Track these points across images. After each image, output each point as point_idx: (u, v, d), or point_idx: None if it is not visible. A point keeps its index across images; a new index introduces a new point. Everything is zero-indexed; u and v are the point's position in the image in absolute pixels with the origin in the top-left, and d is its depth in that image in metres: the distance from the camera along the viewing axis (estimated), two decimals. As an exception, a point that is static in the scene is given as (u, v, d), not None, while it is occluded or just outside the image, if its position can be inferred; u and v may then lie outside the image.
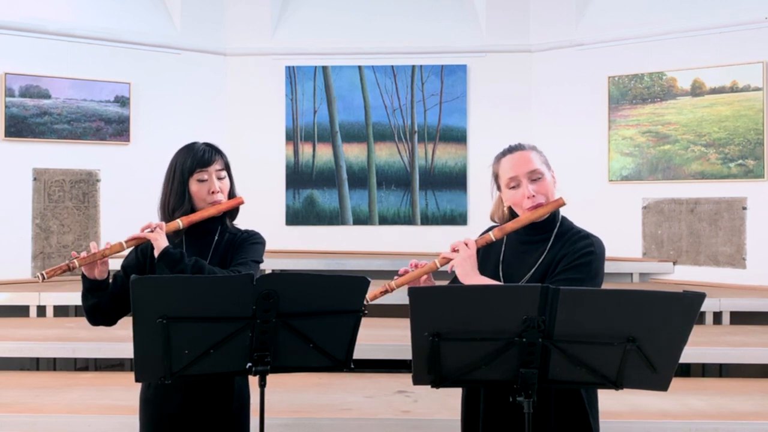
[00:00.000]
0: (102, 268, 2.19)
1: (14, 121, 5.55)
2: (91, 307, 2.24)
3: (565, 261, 2.03)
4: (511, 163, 2.11)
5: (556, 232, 2.10)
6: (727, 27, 5.47)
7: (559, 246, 2.07)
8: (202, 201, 2.28)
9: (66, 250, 5.72)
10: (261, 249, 2.32)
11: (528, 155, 2.11)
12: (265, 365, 1.92)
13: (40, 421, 3.31)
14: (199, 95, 6.37)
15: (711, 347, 4.11)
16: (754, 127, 5.36)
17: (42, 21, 5.66)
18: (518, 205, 2.11)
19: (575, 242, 2.05)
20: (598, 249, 2.04)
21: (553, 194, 2.11)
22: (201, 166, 2.27)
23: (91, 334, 4.48)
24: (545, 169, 2.12)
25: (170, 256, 2.14)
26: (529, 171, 2.08)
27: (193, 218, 2.25)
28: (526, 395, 1.78)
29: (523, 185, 2.08)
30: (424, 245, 6.32)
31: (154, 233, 2.19)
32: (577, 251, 2.03)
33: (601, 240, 2.09)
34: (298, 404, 3.48)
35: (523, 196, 2.08)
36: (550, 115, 6.29)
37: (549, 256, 2.07)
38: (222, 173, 2.31)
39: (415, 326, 1.76)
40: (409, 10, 6.55)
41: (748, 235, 5.38)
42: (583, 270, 2.00)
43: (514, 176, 2.10)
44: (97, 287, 2.21)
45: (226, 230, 2.32)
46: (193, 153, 2.30)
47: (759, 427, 3.22)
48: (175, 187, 2.29)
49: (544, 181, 2.09)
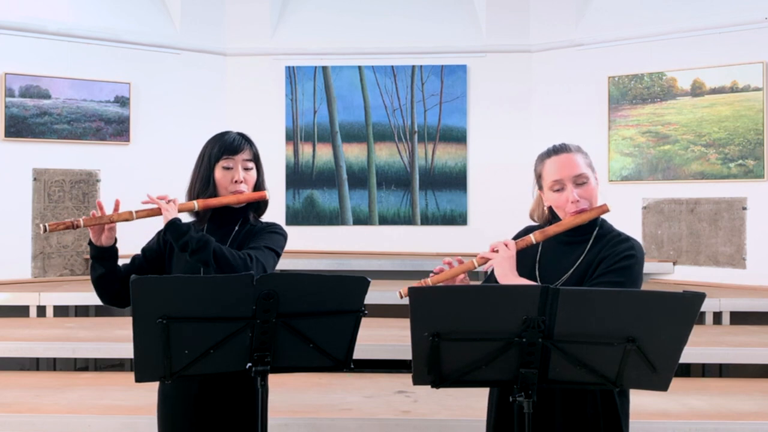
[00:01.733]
0: (109, 234, 2.16)
1: (14, 121, 5.55)
2: (98, 279, 2.21)
3: (605, 264, 2.01)
4: (556, 166, 2.08)
5: (595, 234, 2.08)
6: (727, 27, 5.47)
7: (599, 248, 2.05)
8: (225, 189, 2.24)
9: (66, 251, 5.72)
10: (278, 238, 2.26)
11: (574, 158, 2.08)
12: (265, 365, 1.91)
13: (40, 421, 3.31)
14: (199, 95, 6.37)
15: (711, 347, 4.11)
16: (754, 127, 5.36)
17: (42, 21, 5.66)
18: (561, 208, 2.09)
19: (616, 245, 2.04)
20: (639, 253, 2.03)
21: (597, 198, 2.09)
22: (228, 153, 2.23)
23: (91, 334, 4.50)
24: (590, 172, 2.09)
25: (176, 227, 2.11)
26: (575, 175, 2.06)
27: (210, 202, 2.21)
28: (526, 395, 1.79)
29: (567, 189, 2.06)
30: (424, 245, 6.32)
31: (167, 204, 2.16)
32: (618, 254, 2.01)
33: (640, 244, 2.08)
34: (298, 404, 3.48)
35: (567, 200, 2.06)
36: (549, 115, 6.29)
37: (588, 257, 2.05)
38: (249, 164, 2.27)
39: (415, 326, 1.76)
40: (409, 10, 6.55)
41: (748, 235, 5.38)
42: (624, 273, 1.98)
43: (558, 179, 2.07)
44: (104, 255, 2.18)
45: (248, 221, 2.28)
46: (223, 140, 2.26)
47: (759, 427, 3.22)
48: (201, 173, 2.26)
49: (589, 185, 2.08)
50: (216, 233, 2.25)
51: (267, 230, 2.27)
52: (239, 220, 2.28)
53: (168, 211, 2.14)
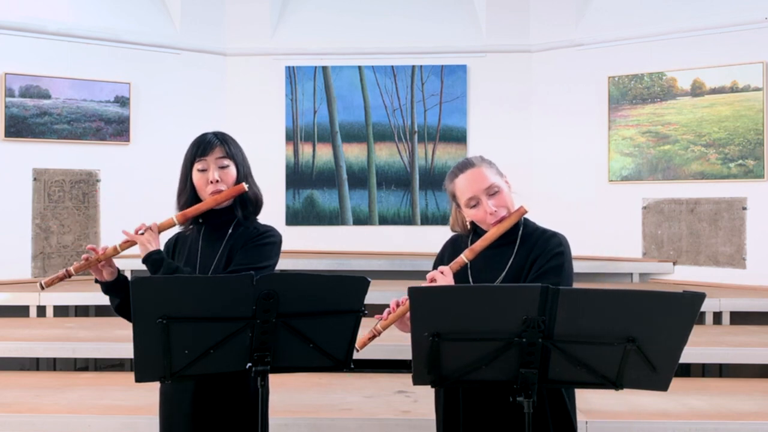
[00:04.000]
0: (108, 269, 2.19)
1: (14, 121, 5.55)
2: (117, 308, 2.26)
3: (539, 263, 2.06)
4: (466, 183, 2.15)
5: (521, 234, 2.14)
6: (727, 27, 5.47)
7: (528, 247, 2.11)
8: (203, 191, 2.24)
9: (66, 251, 5.72)
10: (269, 249, 2.24)
11: (481, 171, 2.15)
12: (265, 365, 1.92)
13: (40, 421, 3.31)
14: (199, 95, 6.37)
15: (711, 347, 4.10)
16: (754, 127, 5.36)
17: (42, 21, 5.66)
18: (482, 221, 2.14)
19: (545, 242, 2.10)
20: (566, 248, 2.10)
21: (512, 202, 2.15)
22: (200, 155, 2.24)
23: (91, 334, 4.50)
24: (499, 179, 2.16)
25: (152, 262, 2.15)
26: (486, 187, 2.13)
27: (189, 213, 2.22)
28: (526, 395, 1.79)
29: (483, 202, 2.12)
30: (424, 245, 6.31)
31: (145, 235, 2.17)
32: (549, 252, 2.07)
33: (566, 237, 2.14)
34: (298, 404, 3.48)
35: (486, 213, 2.11)
36: (550, 115, 6.29)
37: (518, 259, 2.10)
38: (224, 161, 2.24)
39: (415, 326, 1.76)
40: (409, 10, 6.55)
41: (748, 235, 5.38)
42: (558, 271, 2.05)
43: (472, 195, 2.13)
44: (113, 288, 2.22)
45: (240, 224, 2.26)
46: (195, 142, 2.28)
47: (759, 427, 3.21)
48: (182, 178, 2.29)
49: (502, 193, 2.14)
50: (210, 238, 2.26)
51: (255, 242, 2.22)
52: (232, 222, 2.26)
53: (144, 245, 2.16)
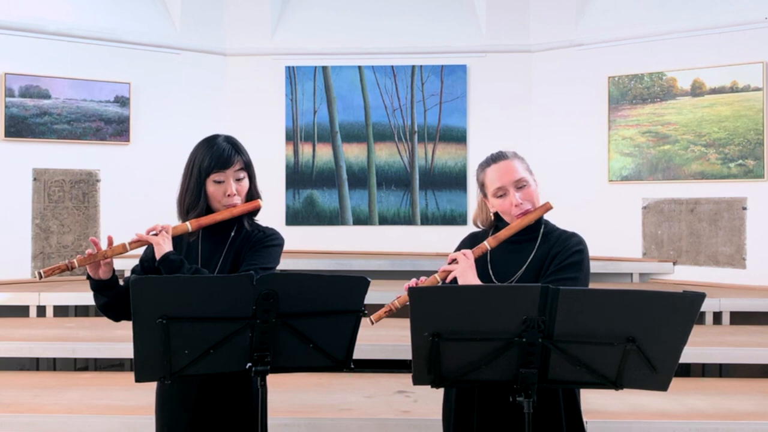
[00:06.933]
0: (106, 268, 2.16)
1: (14, 121, 5.55)
2: (102, 306, 2.22)
3: (558, 258, 2.12)
4: (497, 173, 2.21)
5: (542, 231, 2.21)
6: (727, 27, 5.47)
7: (549, 245, 2.17)
8: (218, 202, 2.22)
9: (66, 250, 5.72)
10: (276, 252, 2.24)
11: (512, 164, 2.21)
12: (265, 365, 1.91)
13: (40, 421, 3.31)
14: (199, 95, 6.37)
15: (711, 347, 4.11)
16: (754, 127, 5.36)
17: (42, 21, 5.66)
18: (507, 212, 2.21)
19: (565, 240, 2.17)
20: (585, 247, 2.17)
21: (538, 199, 2.22)
22: (219, 167, 2.19)
23: (91, 334, 4.50)
24: (528, 175, 2.22)
25: (170, 263, 2.11)
26: (515, 180, 2.19)
27: (204, 221, 2.19)
28: (526, 395, 1.79)
29: (510, 194, 2.19)
30: (424, 245, 6.32)
31: (159, 236, 2.15)
32: (569, 249, 2.14)
33: (584, 238, 2.21)
34: (298, 404, 3.48)
35: (511, 204, 2.18)
36: (550, 115, 6.29)
37: (539, 254, 2.17)
38: (241, 173, 2.24)
39: (415, 326, 1.76)
40: (409, 10, 6.55)
41: (748, 235, 5.38)
42: (577, 268, 2.11)
43: (501, 186, 2.20)
44: (104, 287, 2.18)
45: (243, 227, 2.26)
46: (212, 152, 2.21)
47: (759, 427, 3.21)
48: (191, 186, 2.22)
49: (529, 188, 2.21)
50: (211, 240, 2.25)
51: (264, 243, 2.23)
52: (234, 226, 2.26)
53: (160, 245, 2.14)
